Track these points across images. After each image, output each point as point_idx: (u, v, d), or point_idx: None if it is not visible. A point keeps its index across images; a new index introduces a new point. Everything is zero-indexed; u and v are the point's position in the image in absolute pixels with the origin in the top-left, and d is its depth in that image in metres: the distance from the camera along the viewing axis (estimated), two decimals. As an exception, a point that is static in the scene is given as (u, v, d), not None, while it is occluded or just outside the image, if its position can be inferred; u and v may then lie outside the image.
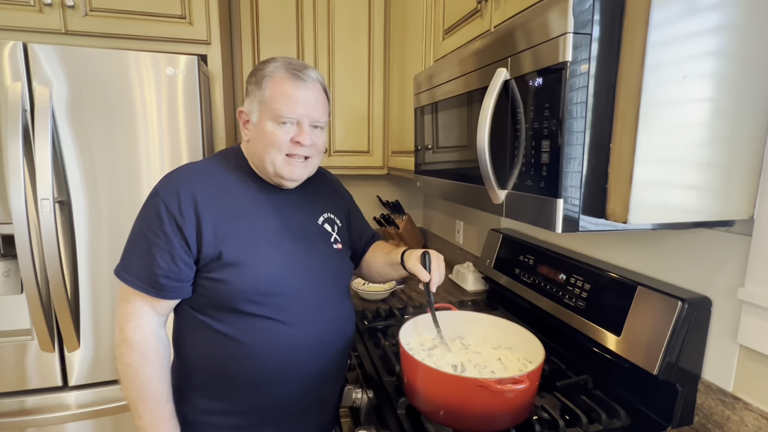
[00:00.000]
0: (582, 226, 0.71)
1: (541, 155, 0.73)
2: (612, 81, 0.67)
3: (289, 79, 0.87)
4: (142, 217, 0.85)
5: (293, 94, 0.86)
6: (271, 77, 0.87)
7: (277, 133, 0.87)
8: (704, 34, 0.65)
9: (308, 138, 0.88)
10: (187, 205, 0.83)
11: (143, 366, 0.83)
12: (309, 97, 0.88)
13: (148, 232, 0.83)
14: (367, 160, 2.09)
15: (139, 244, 0.83)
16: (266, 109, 0.87)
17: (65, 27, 1.42)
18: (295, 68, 0.88)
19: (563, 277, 1.13)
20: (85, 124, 1.33)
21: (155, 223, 0.82)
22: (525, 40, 0.75)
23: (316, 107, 0.89)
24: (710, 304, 0.85)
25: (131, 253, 0.84)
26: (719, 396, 0.83)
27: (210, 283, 0.84)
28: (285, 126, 0.87)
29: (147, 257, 0.82)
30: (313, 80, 0.90)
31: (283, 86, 0.87)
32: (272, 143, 0.87)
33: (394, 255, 1.06)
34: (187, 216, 0.82)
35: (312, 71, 0.90)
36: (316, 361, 0.92)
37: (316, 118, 0.90)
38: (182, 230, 0.82)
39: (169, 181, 0.87)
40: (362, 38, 1.99)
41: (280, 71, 0.87)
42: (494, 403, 0.77)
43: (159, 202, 0.83)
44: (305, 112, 0.88)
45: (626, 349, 0.90)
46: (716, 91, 0.67)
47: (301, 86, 0.87)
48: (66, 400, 1.43)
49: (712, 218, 0.72)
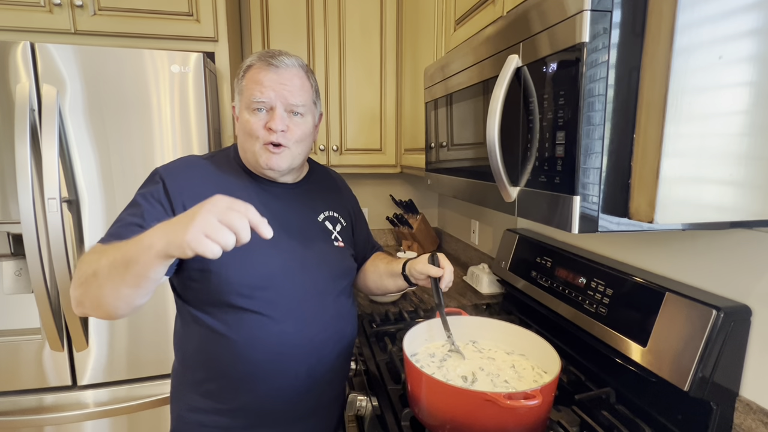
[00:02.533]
0: (602, 226, 0.64)
1: (555, 148, 0.66)
2: (635, 64, 0.60)
3: (261, 67, 0.87)
4: (139, 190, 0.86)
5: (263, 79, 0.86)
6: (249, 68, 0.89)
7: (251, 120, 0.87)
8: (743, 9, 0.57)
9: (280, 123, 0.86)
10: (185, 187, 0.84)
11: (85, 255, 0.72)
12: (282, 81, 0.86)
13: (141, 200, 0.82)
14: (379, 158, 2.04)
15: (128, 212, 0.81)
16: (242, 98, 0.89)
17: (74, 27, 1.43)
18: (269, 55, 0.88)
19: (583, 281, 1.05)
20: (96, 123, 1.33)
21: (152, 194, 0.82)
22: (539, 22, 0.68)
23: (291, 91, 0.87)
24: (749, 314, 0.76)
25: (117, 219, 0.81)
26: (761, 416, 0.74)
27: (201, 274, 0.83)
28: (259, 113, 0.87)
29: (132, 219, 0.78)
30: (287, 65, 0.88)
31: (255, 73, 0.87)
32: (248, 132, 0.87)
33: (395, 265, 1.02)
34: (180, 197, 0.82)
35: (288, 57, 0.89)
36: (307, 359, 0.89)
37: (290, 101, 0.87)
38: (172, 202, 0.82)
39: (172, 164, 0.89)
40: (374, 34, 1.94)
41: (255, 61, 0.88)
42: (504, 419, 0.71)
43: (159, 179, 0.84)
44: (276, 94, 0.86)
45: (653, 361, 0.82)
46: (758, 74, 0.59)
47: (272, 71, 0.87)
48: (82, 398, 1.44)
49: (752, 217, 0.64)
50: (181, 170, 0.87)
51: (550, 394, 0.75)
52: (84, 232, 1.36)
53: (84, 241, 1.36)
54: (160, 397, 1.46)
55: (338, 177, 1.15)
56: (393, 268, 1.02)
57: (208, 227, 0.57)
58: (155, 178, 0.85)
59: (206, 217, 0.57)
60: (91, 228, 1.37)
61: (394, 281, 1.02)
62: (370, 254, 1.16)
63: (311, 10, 1.88)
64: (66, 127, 1.31)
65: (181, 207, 0.81)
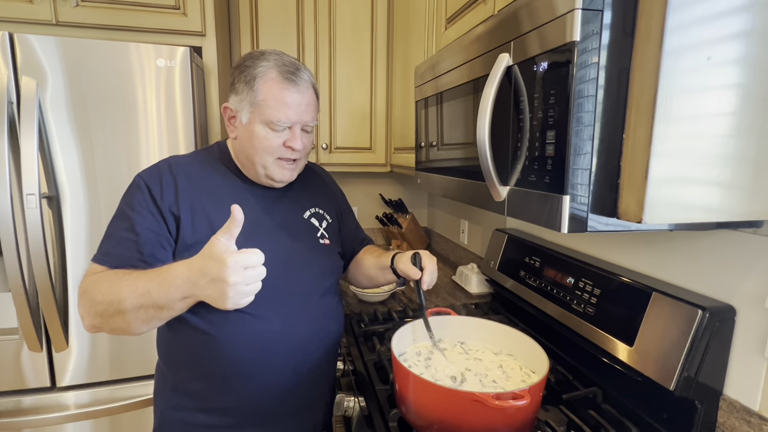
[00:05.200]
0: (591, 226, 0.64)
1: (545, 147, 0.66)
2: (626, 64, 0.60)
3: (282, 83, 0.84)
4: (123, 200, 0.85)
5: (288, 100, 0.84)
6: (263, 79, 0.84)
7: (269, 138, 0.85)
8: (733, 11, 0.58)
9: (300, 143, 0.88)
10: (167, 190, 0.83)
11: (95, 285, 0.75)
12: (302, 101, 0.86)
13: (128, 211, 0.81)
14: (369, 157, 2.03)
15: (118, 226, 0.82)
16: (258, 111, 0.85)
17: (56, 18, 1.38)
18: (288, 70, 0.85)
19: (571, 281, 1.05)
20: (79, 117, 1.29)
21: (138, 202, 0.82)
22: (529, 21, 0.68)
23: (308, 111, 0.88)
24: (734, 314, 0.77)
25: (110, 236, 0.82)
26: (744, 415, 0.75)
27: None
28: (277, 132, 0.86)
29: (127, 236, 0.80)
30: (306, 83, 0.88)
31: (276, 90, 0.84)
32: (264, 148, 0.86)
33: (384, 258, 1.02)
34: (166, 200, 0.82)
35: (304, 72, 0.88)
36: (293, 357, 0.88)
37: (308, 121, 0.88)
38: (162, 212, 0.82)
39: (152, 168, 0.88)
40: (364, 31, 1.93)
41: (273, 72, 0.84)
42: (492, 420, 0.71)
43: (142, 185, 0.84)
44: (298, 117, 0.86)
45: (639, 361, 0.83)
46: (745, 76, 0.59)
47: (294, 90, 0.85)
48: (62, 400, 1.40)
49: (738, 218, 0.64)
50: (165, 173, 0.85)
51: (538, 394, 0.75)
52: (65, 229, 1.32)
53: (65, 238, 1.33)
54: (143, 398, 1.43)
55: (324, 172, 1.14)
56: (382, 261, 1.02)
57: (240, 294, 0.68)
58: (139, 186, 0.84)
59: (235, 288, 0.66)
60: (73, 225, 1.33)
61: (384, 275, 1.03)
62: (359, 248, 1.16)
63: (301, 7, 1.86)
64: (47, 121, 1.27)
65: (169, 213, 0.82)
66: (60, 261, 1.34)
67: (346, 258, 1.12)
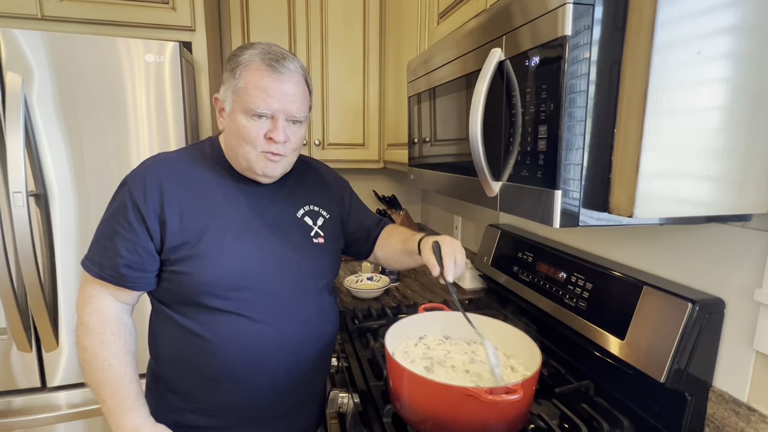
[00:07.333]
0: (582, 221, 0.64)
1: (537, 142, 0.66)
2: (617, 59, 0.60)
3: (264, 70, 0.80)
4: (110, 205, 0.84)
5: (268, 87, 0.80)
6: (247, 66, 0.81)
7: (249, 127, 0.81)
8: (722, 6, 0.58)
9: (282, 134, 0.82)
10: (152, 193, 0.81)
11: (101, 348, 0.80)
12: (286, 90, 0.81)
13: (112, 221, 0.81)
14: (362, 153, 2.02)
15: (103, 234, 0.82)
16: (239, 100, 0.81)
17: (41, 12, 1.36)
18: (272, 58, 0.81)
19: (563, 276, 1.06)
20: (67, 113, 1.28)
21: (120, 211, 0.81)
22: (521, 15, 0.68)
23: (293, 101, 0.82)
24: (723, 306, 0.78)
25: (96, 242, 0.83)
26: (732, 406, 0.76)
27: (173, 275, 0.81)
28: (258, 120, 0.81)
29: (110, 246, 0.80)
30: (292, 72, 0.82)
31: (258, 78, 0.80)
32: (245, 138, 0.82)
33: (411, 244, 0.98)
34: (150, 204, 0.80)
35: (291, 61, 0.83)
36: (286, 359, 0.87)
37: (293, 112, 0.83)
38: (145, 219, 0.80)
39: (138, 169, 0.85)
40: (357, 26, 1.91)
41: (256, 60, 0.80)
42: (486, 414, 0.71)
43: (126, 190, 0.82)
44: (281, 106, 0.81)
45: (631, 354, 0.83)
46: (735, 71, 0.60)
47: (276, 78, 0.80)
48: (53, 400, 1.38)
49: (727, 212, 0.65)
50: (149, 175, 0.82)
51: (531, 388, 0.75)
52: (54, 227, 1.31)
53: (54, 237, 1.31)
54: (135, 397, 1.42)
55: (321, 166, 1.10)
56: (409, 246, 0.99)
57: None
58: (123, 191, 0.82)
59: None
60: (62, 223, 1.31)
61: (414, 260, 1.00)
62: (378, 229, 1.11)
63: (293, 2, 1.84)
64: (33, 118, 1.25)
65: (154, 217, 0.80)
66: (49, 260, 1.32)
67: (365, 245, 1.10)
